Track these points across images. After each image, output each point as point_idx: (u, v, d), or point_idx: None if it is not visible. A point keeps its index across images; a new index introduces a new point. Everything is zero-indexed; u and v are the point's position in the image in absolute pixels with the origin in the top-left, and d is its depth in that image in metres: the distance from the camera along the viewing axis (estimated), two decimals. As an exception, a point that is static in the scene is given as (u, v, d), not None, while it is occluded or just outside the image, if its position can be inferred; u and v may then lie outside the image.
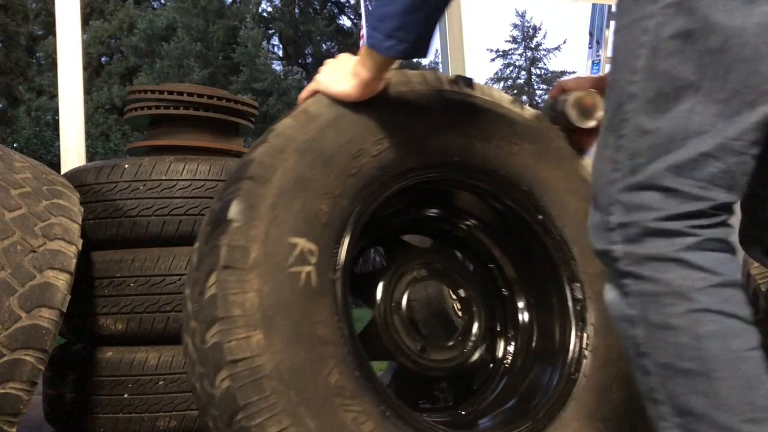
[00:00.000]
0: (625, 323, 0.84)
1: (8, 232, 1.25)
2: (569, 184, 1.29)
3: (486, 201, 1.32)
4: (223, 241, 0.96)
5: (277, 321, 0.94)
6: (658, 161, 0.80)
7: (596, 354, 1.23)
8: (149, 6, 19.58)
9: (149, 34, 17.29)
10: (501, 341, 1.36)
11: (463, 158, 1.21)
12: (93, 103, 16.78)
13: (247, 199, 0.98)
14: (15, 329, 1.20)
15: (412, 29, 1.01)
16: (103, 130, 16.94)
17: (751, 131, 0.79)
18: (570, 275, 1.26)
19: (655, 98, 0.81)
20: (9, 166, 1.38)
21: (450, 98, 1.20)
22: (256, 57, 16.15)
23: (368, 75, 1.08)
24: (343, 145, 1.08)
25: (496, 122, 1.24)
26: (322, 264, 1.01)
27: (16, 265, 1.23)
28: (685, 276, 0.78)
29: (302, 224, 1.00)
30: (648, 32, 0.82)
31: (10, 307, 1.20)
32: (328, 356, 0.97)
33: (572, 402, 1.19)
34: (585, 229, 1.24)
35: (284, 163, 1.02)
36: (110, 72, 18.65)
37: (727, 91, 0.79)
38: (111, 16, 18.78)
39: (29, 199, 1.33)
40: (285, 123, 1.07)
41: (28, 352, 1.21)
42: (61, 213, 1.36)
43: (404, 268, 1.30)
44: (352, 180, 1.07)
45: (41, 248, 1.28)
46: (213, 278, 0.96)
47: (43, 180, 1.43)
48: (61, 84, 2.52)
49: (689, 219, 0.79)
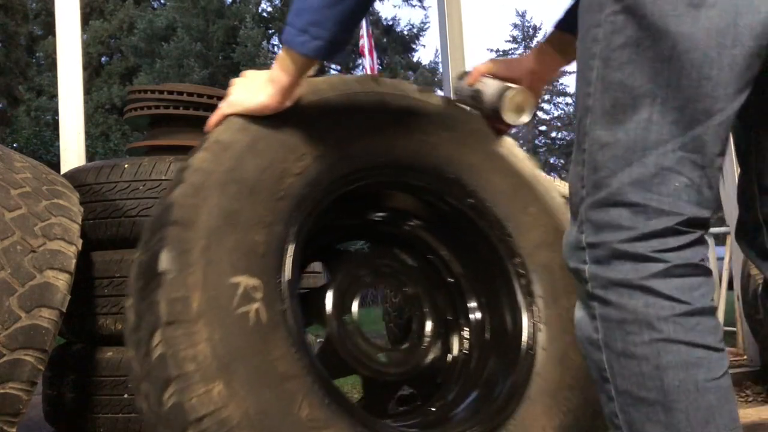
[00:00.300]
0: (589, 346, 0.83)
1: (8, 232, 1.25)
2: (492, 164, 1.29)
3: (418, 196, 1.30)
4: (161, 295, 0.90)
5: (235, 367, 0.89)
6: (620, 174, 0.79)
7: (549, 325, 1.23)
8: (149, 6, 19.57)
9: (149, 34, 17.29)
10: (455, 332, 1.36)
11: (388, 157, 1.19)
12: (93, 103, 16.78)
13: (177, 246, 0.92)
14: (15, 329, 1.20)
15: (328, 26, 0.97)
16: (103, 130, 16.93)
17: (711, 143, 0.78)
18: (509, 252, 1.26)
19: (611, 110, 0.80)
20: (9, 166, 1.38)
21: (362, 100, 1.17)
22: (256, 57, 16.14)
23: (288, 79, 1.03)
24: (264, 169, 1.03)
25: (412, 116, 1.22)
26: (269, 297, 0.96)
27: (16, 265, 1.23)
28: (651, 304, 0.77)
29: (240, 261, 0.95)
30: (598, 42, 0.81)
31: (10, 307, 1.20)
32: (294, 391, 0.93)
33: (536, 377, 1.18)
34: (515, 205, 1.28)
35: (207, 200, 0.96)
36: (110, 72, 18.65)
37: (681, 98, 0.77)
38: (111, 16, 18.77)
39: (29, 199, 1.33)
40: (199, 157, 1.01)
41: (27, 352, 1.21)
42: (61, 213, 1.36)
43: (347, 277, 1.27)
44: (282, 203, 1.03)
45: (41, 248, 1.28)
46: (157, 337, 0.90)
47: (43, 180, 1.43)
48: (60, 84, 2.52)
49: (658, 238, 0.78)
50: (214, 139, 1.03)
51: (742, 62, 0.76)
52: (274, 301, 0.97)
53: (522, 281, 1.25)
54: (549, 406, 1.16)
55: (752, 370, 3.02)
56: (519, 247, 1.26)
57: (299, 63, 1.02)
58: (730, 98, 0.77)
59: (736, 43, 0.75)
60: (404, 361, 1.29)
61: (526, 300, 1.25)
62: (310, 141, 1.09)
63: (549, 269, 1.26)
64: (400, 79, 1.26)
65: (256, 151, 1.03)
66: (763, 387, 2.83)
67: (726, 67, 0.76)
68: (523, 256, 1.26)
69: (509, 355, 1.24)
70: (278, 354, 0.94)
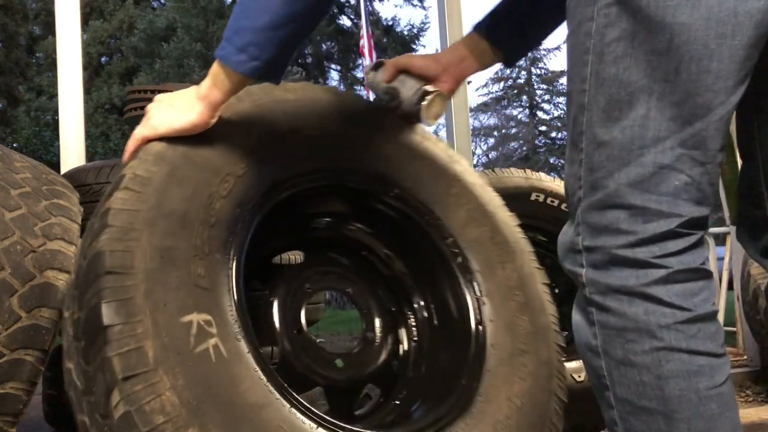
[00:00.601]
0: (588, 352, 0.81)
1: (8, 232, 1.25)
2: (409, 153, 1.29)
3: (345, 195, 1.30)
4: (110, 351, 0.85)
5: (206, 409, 0.85)
6: (617, 175, 0.76)
7: (491, 297, 1.24)
8: (149, 6, 19.57)
9: (149, 34, 17.29)
10: (403, 325, 1.36)
11: (311, 163, 1.18)
12: (93, 103, 16.78)
13: (117, 296, 0.87)
14: (15, 329, 1.20)
15: (268, 49, 0.95)
16: (103, 130, 16.93)
17: (711, 138, 0.75)
18: (441, 234, 1.28)
19: (607, 106, 0.77)
20: (9, 166, 1.38)
21: (277, 109, 1.16)
22: (256, 57, 16.14)
23: (220, 96, 1.00)
24: (189, 197, 0.98)
25: (325, 117, 1.21)
26: (223, 330, 0.92)
27: (16, 265, 1.23)
28: (651, 311, 0.75)
29: (187, 298, 0.91)
30: (591, 36, 0.78)
31: (10, 307, 1.20)
32: (270, 419, 0.90)
33: (490, 349, 1.19)
34: (438, 188, 1.30)
35: (139, 242, 0.91)
36: (110, 72, 18.65)
37: (679, 93, 0.74)
38: (111, 16, 18.77)
39: (29, 199, 1.33)
40: (119, 198, 0.95)
41: (28, 352, 1.21)
42: (61, 213, 1.36)
43: (289, 290, 1.27)
44: (215, 230, 0.99)
45: (41, 248, 1.27)
46: (116, 395, 0.85)
47: (43, 180, 1.43)
48: (60, 84, 2.52)
49: (658, 243, 0.75)
50: (131, 177, 0.97)
51: (743, 53, 0.73)
52: (230, 333, 0.93)
53: (458, 260, 1.27)
54: (508, 374, 1.17)
55: (752, 370, 3.03)
56: (449, 228, 1.28)
57: (234, 80, 0.99)
58: (730, 91, 0.74)
59: (737, 32, 0.72)
60: (361, 362, 1.29)
61: (465, 277, 1.26)
62: (230, 160, 1.05)
63: (480, 243, 1.28)
64: (306, 83, 1.27)
65: (178, 181, 0.98)
66: (763, 387, 2.83)
67: (726, 58, 0.73)
68: (455, 236, 1.27)
69: (461, 334, 1.24)
70: (247, 385, 0.90)
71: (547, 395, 1.18)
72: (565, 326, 2.04)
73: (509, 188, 1.97)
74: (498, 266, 1.27)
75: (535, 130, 25.43)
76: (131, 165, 1.00)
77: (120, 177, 0.99)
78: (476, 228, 1.29)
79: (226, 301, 0.96)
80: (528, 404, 1.15)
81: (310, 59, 19.26)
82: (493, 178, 2.00)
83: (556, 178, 2.12)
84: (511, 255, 1.29)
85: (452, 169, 1.32)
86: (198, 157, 1.02)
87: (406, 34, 18.72)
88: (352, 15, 18.77)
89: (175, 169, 0.99)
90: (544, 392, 1.18)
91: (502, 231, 1.31)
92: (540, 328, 1.25)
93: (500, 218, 1.33)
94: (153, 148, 1.01)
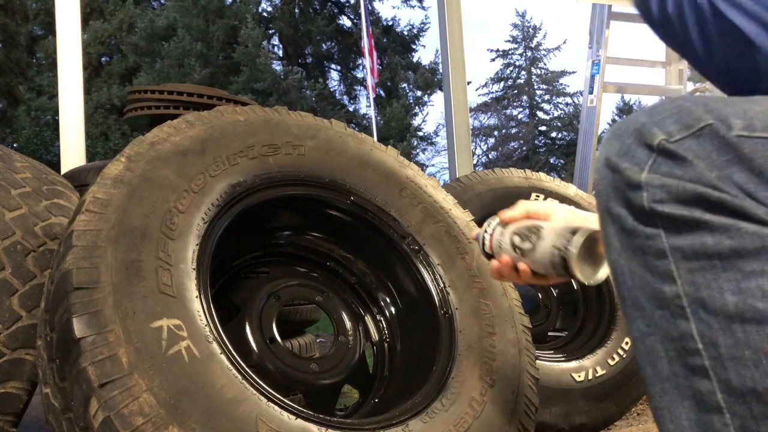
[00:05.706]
0: (648, 302, 0.49)
1: (8, 231, 1.25)
2: (360, 161, 1.37)
3: (304, 208, 1.37)
4: (85, 362, 0.88)
5: (184, 407, 0.89)
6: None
7: (454, 286, 1.34)
8: (149, 6, 19.57)
9: (149, 34, 17.28)
10: (373, 324, 1.44)
11: (263, 177, 1.23)
12: (93, 103, 16.77)
13: (86, 309, 0.91)
14: (15, 329, 1.20)
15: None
16: (103, 130, 16.92)
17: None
18: (400, 234, 1.37)
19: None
20: (9, 166, 1.39)
21: (229, 129, 1.22)
22: (256, 57, 16.14)
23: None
24: (149, 214, 1.04)
25: (276, 133, 1.28)
26: (194, 332, 0.97)
27: (16, 265, 1.23)
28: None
29: (155, 306, 0.96)
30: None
31: (11, 307, 1.20)
32: (248, 413, 0.93)
33: (459, 336, 1.27)
34: (391, 192, 1.39)
35: (103, 258, 0.96)
36: (110, 72, 18.63)
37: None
38: (111, 16, 18.76)
39: (29, 199, 1.33)
40: (82, 220, 1.00)
41: (28, 351, 1.21)
42: (61, 213, 1.36)
43: (258, 303, 1.31)
44: (177, 243, 1.04)
45: (41, 248, 1.28)
46: (94, 403, 0.87)
47: (43, 180, 1.43)
48: (61, 84, 2.52)
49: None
50: (91, 200, 1.02)
51: None
52: (200, 335, 0.97)
53: (420, 256, 1.36)
54: (478, 356, 1.25)
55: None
56: (406, 227, 1.37)
57: None
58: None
59: None
60: (335, 364, 1.35)
61: (428, 271, 1.35)
62: (186, 176, 1.11)
63: (437, 238, 1.39)
64: (255, 105, 1.38)
65: (137, 200, 1.04)
66: (762, 387, 2.82)
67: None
68: (413, 234, 1.37)
69: (430, 325, 1.32)
70: (223, 382, 0.94)
71: (518, 372, 1.26)
72: (565, 326, 2.05)
73: (509, 188, 1.97)
74: (457, 257, 1.37)
75: (535, 130, 25.42)
76: (91, 189, 1.05)
77: (81, 201, 1.04)
78: (432, 225, 1.39)
79: (195, 306, 1.00)
80: (500, 381, 1.23)
81: (310, 59, 19.26)
82: (493, 178, 2.00)
83: (556, 178, 2.13)
84: (468, 246, 1.39)
85: (402, 173, 1.42)
86: (155, 177, 1.08)
87: (406, 34, 18.70)
88: (352, 15, 18.77)
89: (133, 189, 1.05)
90: (515, 369, 1.26)
91: (458, 225, 1.41)
92: (504, 311, 1.33)
93: (454, 215, 1.43)
94: (111, 172, 1.07)
